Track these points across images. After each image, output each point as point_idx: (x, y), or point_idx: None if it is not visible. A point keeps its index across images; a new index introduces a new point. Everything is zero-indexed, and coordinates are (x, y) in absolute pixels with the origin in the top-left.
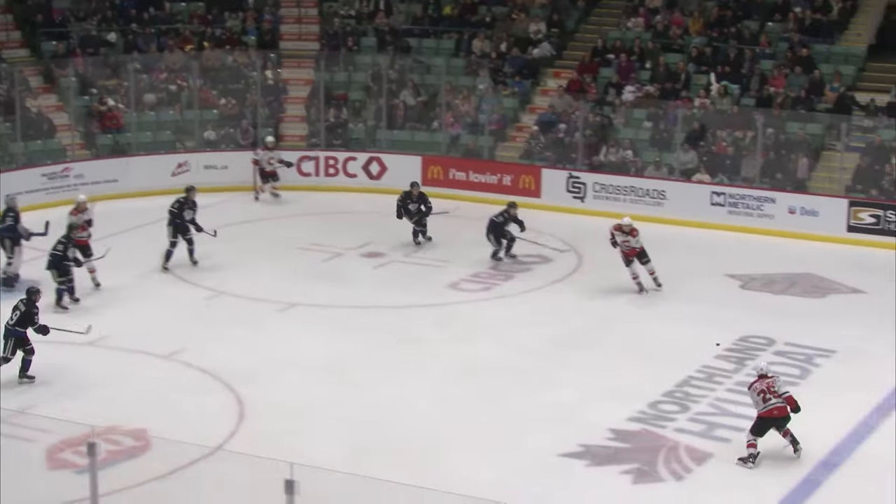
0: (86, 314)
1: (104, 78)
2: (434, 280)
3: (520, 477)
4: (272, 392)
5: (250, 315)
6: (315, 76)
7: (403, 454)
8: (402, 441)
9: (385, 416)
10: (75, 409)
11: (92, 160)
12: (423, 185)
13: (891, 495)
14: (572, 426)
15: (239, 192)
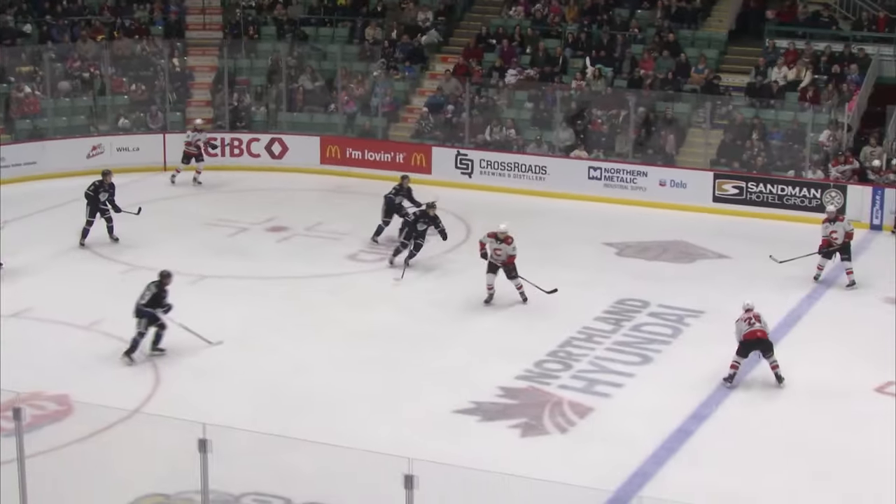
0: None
1: (20, 66)
2: (333, 252)
3: (417, 433)
4: (184, 358)
5: None
6: (219, 63)
7: (306, 413)
8: (304, 401)
9: (287, 378)
10: (1, 376)
11: (11, 144)
12: (322, 163)
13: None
14: (464, 385)
15: (150, 172)
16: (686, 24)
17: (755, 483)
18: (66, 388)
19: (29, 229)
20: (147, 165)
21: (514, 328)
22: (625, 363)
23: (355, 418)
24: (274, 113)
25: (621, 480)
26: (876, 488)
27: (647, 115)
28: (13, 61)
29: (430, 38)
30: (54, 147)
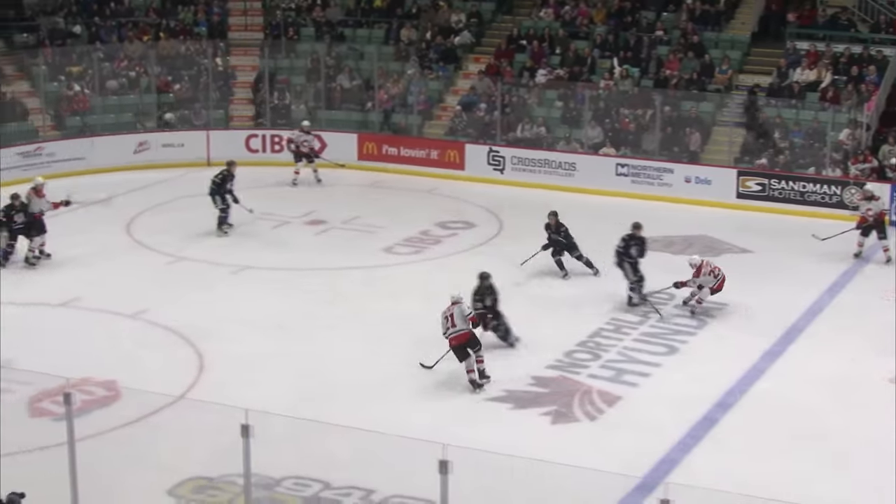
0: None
1: (70, 66)
2: (369, 245)
3: (450, 420)
4: (227, 346)
5: (207, 278)
6: (260, 63)
7: (343, 400)
8: (341, 388)
9: (325, 366)
10: (52, 363)
11: (61, 140)
12: (359, 159)
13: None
14: (497, 374)
15: (194, 167)
16: (710, 26)
17: (778, 470)
18: (114, 374)
19: (76, 221)
20: (191, 161)
21: (545, 319)
22: (652, 353)
23: (390, 405)
24: (313, 111)
25: (648, 467)
26: None
27: (673, 114)
28: (63, 61)
29: (462, 39)
30: (102, 143)
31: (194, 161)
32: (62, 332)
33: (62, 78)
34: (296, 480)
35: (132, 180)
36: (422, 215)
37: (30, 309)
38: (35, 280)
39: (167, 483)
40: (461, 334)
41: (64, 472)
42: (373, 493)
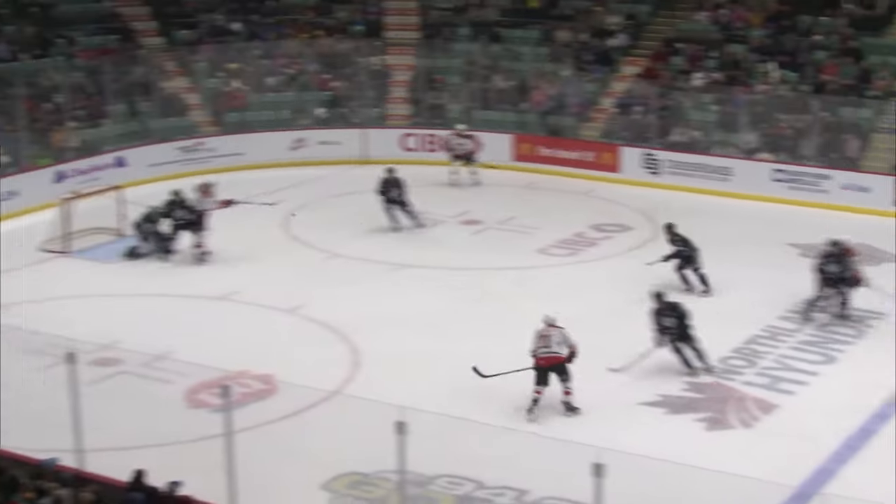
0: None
1: (229, 63)
2: (524, 245)
3: (604, 423)
4: (381, 343)
5: (362, 275)
6: (416, 62)
7: (496, 399)
8: (494, 387)
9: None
10: (210, 355)
11: (220, 136)
12: (515, 160)
13: None
14: (651, 378)
15: (349, 165)
16: (869, 31)
17: None
18: (270, 368)
19: (235, 216)
20: (346, 158)
21: (699, 325)
22: (809, 362)
23: (542, 405)
24: (468, 110)
25: (803, 477)
26: None
27: (831, 119)
28: (222, 58)
29: (618, 41)
30: (260, 139)
31: (350, 158)
32: (220, 326)
33: (221, 74)
34: (449, 479)
35: (289, 177)
36: (576, 217)
37: (189, 302)
38: (195, 274)
39: (321, 477)
40: (554, 357)
41: (220, 463)
42: (526, 493)
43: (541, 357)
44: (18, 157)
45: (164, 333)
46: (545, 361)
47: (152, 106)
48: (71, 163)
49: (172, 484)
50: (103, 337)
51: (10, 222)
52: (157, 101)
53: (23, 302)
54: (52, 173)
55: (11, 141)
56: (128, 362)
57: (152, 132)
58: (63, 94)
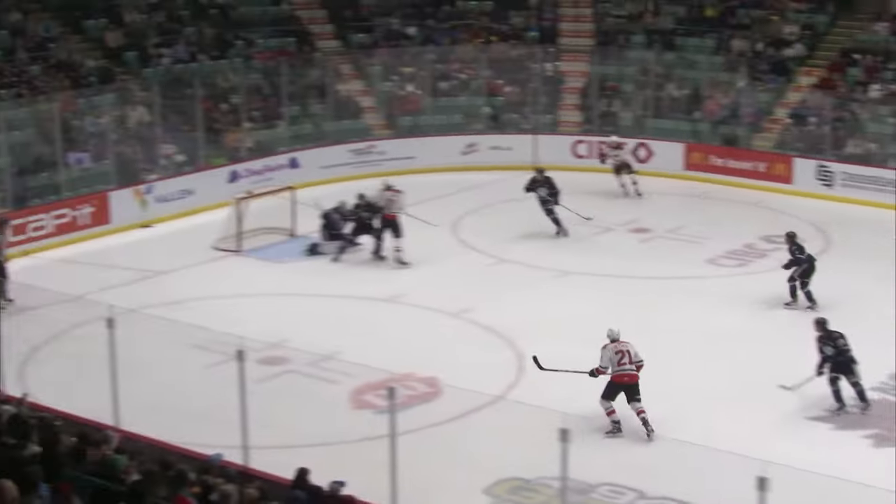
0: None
1: (403, 66)
2: (693, 255)
3: (767, 436)
4: (547, 349)
5: (529, 281)
6: (589, 69)
7: (661, 409)
8: (659, 397)
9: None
10: (376, 356)
11: (392, 139)
12: (686, 169)
13: None
14: (818, 392)
15: (520, 171)
16: None
17: None
18: (435, 371)
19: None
20: (517, 164)
21: (871, 339)
22: None
23: (706, 417)
24: (640, 119)
25: None
26: None
27: None
28: (396, 62)
29: (794, 51)
30: (432, 143)
31: (521, 164)
32: (387, 327)
33: (395, 78)
34: (611, 487)
35: (459, 181)
36: (747, 228)
37: (357, 303)
38: (363, 275)
39: (483, 482)
40: (634, 375)
41: (383, 465)
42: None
43: (624, 374)
44: (194, 156)
45: (331, 334)
46: (629, 379)
47: (326, 108)
48: (245, 163)
49: (335, 483)
50: (272, 336)
51: (185, 220)
52: (331, 104)
53: (194, 299)
54: (227, 173)
55: (188, 140)
56: (295, 361)
57: (326, 134)
58: (239, 95)
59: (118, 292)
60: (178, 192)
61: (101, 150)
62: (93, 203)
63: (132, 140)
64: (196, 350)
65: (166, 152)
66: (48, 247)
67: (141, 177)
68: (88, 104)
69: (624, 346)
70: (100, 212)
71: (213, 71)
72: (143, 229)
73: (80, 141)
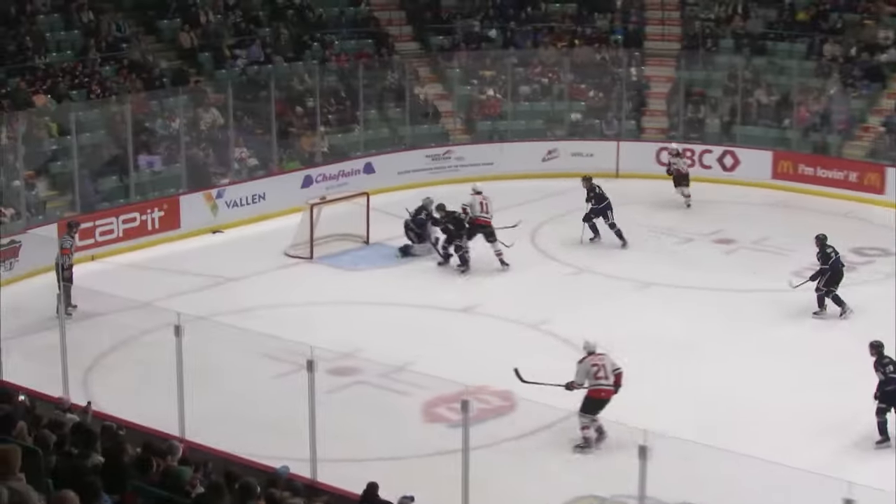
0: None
1: (484, 70)
2: (779, 267)
3: (850, 457)
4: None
5: (610, 292)
6: (676, 74)
7: (743, 426)
8: (743, 414)
9: (726, 390)
10: (450, 368)
11: (471, 144)
12: (773, 177)
13: None
14: None
15: (603, 177)
16: None
17: None
18: (511, 384)
19: None
20: (600, 171)
21: None
22: None
23: (794, 436)
24: (727, 125)
25: None
26: None
27: None
28: (477, 65)
29: (890, 56)
30: (511, 149)
31: (603, 172)
32: (462, 338)
33: (475, 82)
34: None
35: (539, 188)
36: (835, 240)
37: (431, 313)
38: (438, 284)
39: (558, 498)
40: (610, 391)
41: (455, 480)
42: None
43: (605, 389)
44: (267, 160)
45: (404, 344)
46: (607, 394)
47: (403, 112)
48: (319, 167)
49: (405, 499)
50: (343, 345)
51: (257, 225)
52: (408, 108)
53: (265, 307)
54: (300, 178)
55: (261, 144)
56: (366, 372)
57: (402, 139)
58: (315, 98)
59: (187, 299)
60: (250, 196)
61: (173, 153)
62: (163, 207)
63: (204, 143)
64: (265, 359)
65: (239, 156)
66: (116, 251)
67: (212, 181)
68: (161, 106)
69: (601, 360)
70: (170, 216)
71: (288, 73)
72: (214, 234)
73: (151, 143)
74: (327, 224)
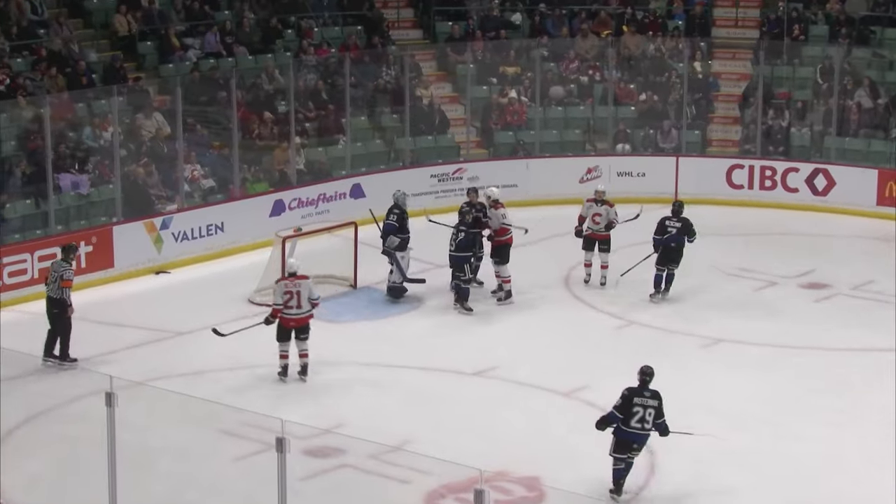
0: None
1: (505, 65)
2: (886, 320)
3: None
4: (687, 439)
5: (666, 349)
6: (752, 70)
7: None
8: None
9: (817, 472)
10: (457, 446)
11: (488, 161)
12: (878, 204)
13: None
14: None
15: (658, 203)
16: None
17: None
18: (538, 466)
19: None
20: (654, 196)
21: None
22: None
23: None
24: (819, 137)
25: None
26: None
27: None
28: (496, 59)
29: None
30: (540, 167)
31: (658, 196)
32: (474, 409)
33: (493, 80)
34: None
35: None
36: None
37: (435, 376)
38: (445, 340)
39: None
40: (305, 317)
41: None
42: None
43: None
44: (227, 181)
45: (400, 417)
46: (296, 323)
47: (402, 119)
48: (293, 190)
49: None
50: (323, 419)
51: (212, 264)
52: (408, 114)
53: (222, 369)
54: (269, 203)
55: (219, 160)
56: (352, 453)
57: (401, 154)
58: (288, 100)
59: (122, 358)
60: (205, 227)
61: (105, 170)
62: (91, 241)
63: (146, 158)
64: (223, 436)
65: (190, 175)
66: (30, 297)
67: (156, 207)
68: (89, 110)
69: (295, 286)
70: (101, 252)
71: (254, 68)
72: (158, 276)
73: (76, 158)
74: (304, 262)
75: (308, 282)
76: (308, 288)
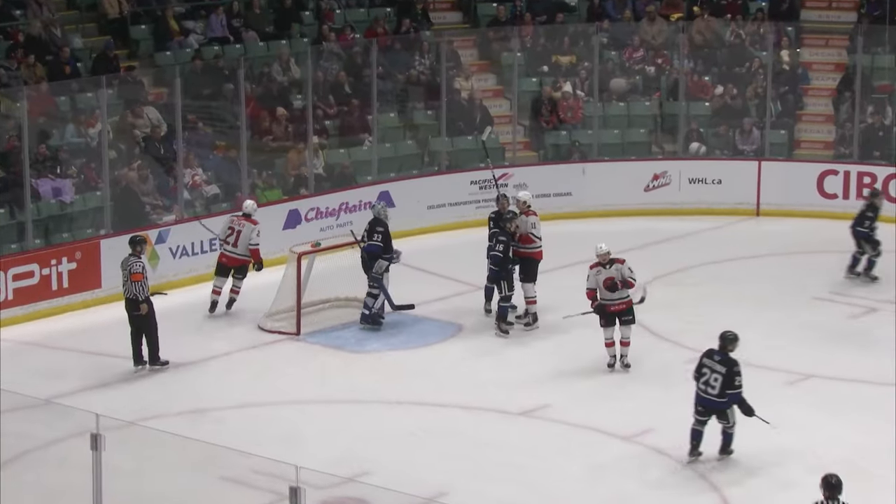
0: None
1: (558, 54)
2: None
3: None
4: (769, 493)
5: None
6: (849, 60)
7: None
8: None
9: None
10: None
11: (538, 165)
12: None
13: None
14: None
15: (737, 216)
16: None
17: None
18: None
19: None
20: (731, 206)
21: None
22: None
23: None
24: None
25: None
26: None
27: None
28: (550, 46)
29: None
30: (598, 172)
31: (736, 207)
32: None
33: (545, 70)
34: None
35: (638, 230)
36: None
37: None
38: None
39: None
40: (241, 259)
41: None
42: None
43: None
44: (233, 187)
45: (433, 464)
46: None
47: (438, 116)
48: (311, 198)
49: None
50: (343, 465)
51: None
52: (446, 110)
53: (228, 407)
54: (283, 213)
55: (224, 163)
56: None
57: (436, 156)
58: (305, 94)
59: (111, 394)
60: (207, 241)
61: (91, 175)
62: (75, 256)
63: (139, 161)
64: (228, 484)
65: (191, 180)
66: (4, 322)
67: (151, 218)
68: (73, 105)
69: (239, 224)
70: (86, 270)
71: (265, 57)
72: (153, 297)
73: (58, 161)
74: (322, 283)
75: (256, 227)
76: (253, 231)
